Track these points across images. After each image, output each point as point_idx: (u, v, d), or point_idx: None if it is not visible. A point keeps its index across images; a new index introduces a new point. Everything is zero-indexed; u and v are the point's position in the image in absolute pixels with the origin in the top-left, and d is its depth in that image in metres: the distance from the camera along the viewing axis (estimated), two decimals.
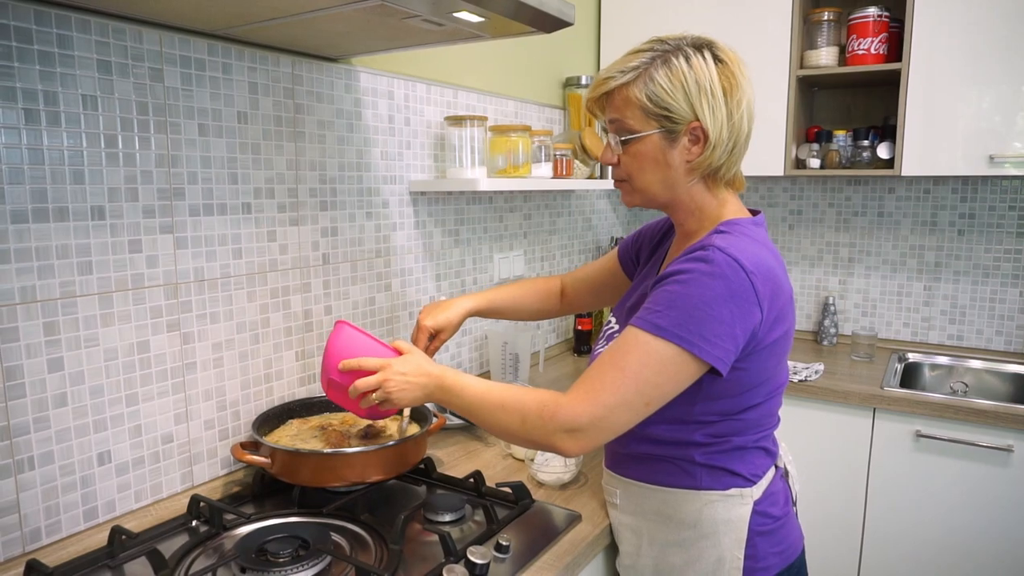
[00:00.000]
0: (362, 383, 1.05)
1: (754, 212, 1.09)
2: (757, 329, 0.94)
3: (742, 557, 1.03)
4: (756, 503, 1.04)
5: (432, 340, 1.30)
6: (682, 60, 0.98)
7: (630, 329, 0.95)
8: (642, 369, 0.92)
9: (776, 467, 1.11)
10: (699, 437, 1.02)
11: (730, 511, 1.03)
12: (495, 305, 1.37)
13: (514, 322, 2.05)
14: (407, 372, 1.05)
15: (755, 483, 1.05)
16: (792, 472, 1.18)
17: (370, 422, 1.32)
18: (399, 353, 1.10)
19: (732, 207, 1.06)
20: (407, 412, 1.31)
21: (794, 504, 1.16)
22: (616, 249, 1.36)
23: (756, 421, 1.03)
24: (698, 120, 0.98)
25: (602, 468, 1.20)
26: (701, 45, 1.00)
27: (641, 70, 0.99)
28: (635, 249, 1.30)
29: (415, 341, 1.29)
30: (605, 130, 1.08)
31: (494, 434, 1.03)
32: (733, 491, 1.03)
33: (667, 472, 1.05)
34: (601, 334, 1.17)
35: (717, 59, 0.99)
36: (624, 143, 1.03)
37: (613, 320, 1.17)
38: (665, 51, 0.99)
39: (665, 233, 1.23)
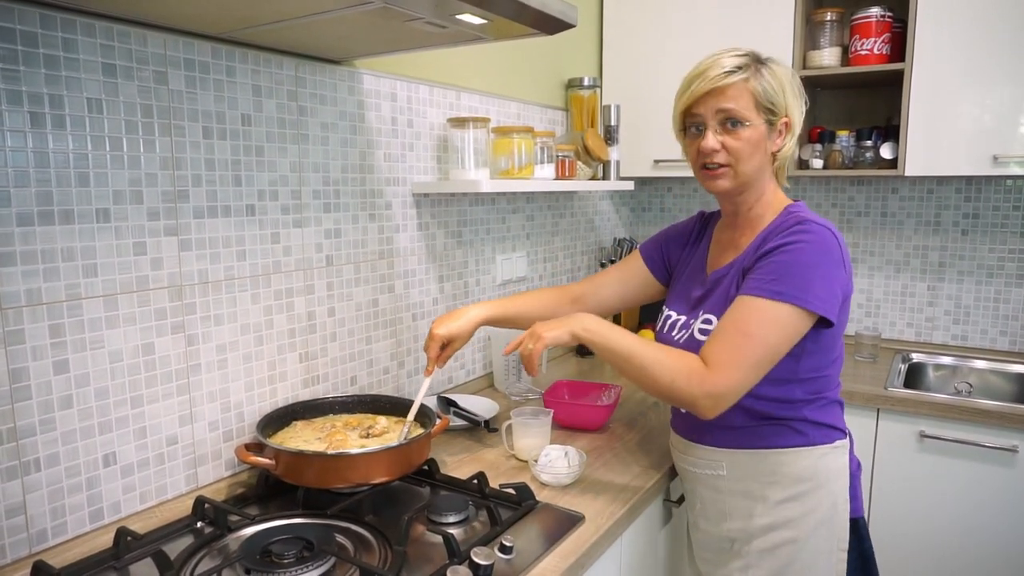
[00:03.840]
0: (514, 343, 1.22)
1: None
2: (845, 285, 1.10)
3: (848, 498, 1.18)
4: (848, 450, 1.20)
5: (444, 348, 1.32)
6: (772, 64, 1.13)
7: (747, 299, 1.08)
8: (767, 332, 1.05)
9: None
10: (800, 394, 1.14)
11: (838, 460, 1.17)
12: (508, 313, 1.39)
13: None
14: (548, 323, 1.16)
15: (847, 433, 1.20)
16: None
17: (371, 423, 1.33)
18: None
19: (781, 195, 1.21)
20: (411, 417, 1.31)
21: None
22: (637, 252, 1.43)
23: (834, 378, 1.18)
24: (788, 116, 1.14)
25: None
26: (764, 58, 1.14)
27: (753, 67, 1.11)
28: (661, 250, 1.39)
29: (427, 350, 1.31)
30: (698, 127, 1.16)
31: (632, 381, 1.12)
32: (838, 443, 1.18)
33: (779, 435, 1.16)
34: (661, 325, 1.28)
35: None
36: (737, 130, 1.12)
37: (673, 313, 1.27)
38: (749, 54, 1.12)
39: (697, 231, 1.35)
